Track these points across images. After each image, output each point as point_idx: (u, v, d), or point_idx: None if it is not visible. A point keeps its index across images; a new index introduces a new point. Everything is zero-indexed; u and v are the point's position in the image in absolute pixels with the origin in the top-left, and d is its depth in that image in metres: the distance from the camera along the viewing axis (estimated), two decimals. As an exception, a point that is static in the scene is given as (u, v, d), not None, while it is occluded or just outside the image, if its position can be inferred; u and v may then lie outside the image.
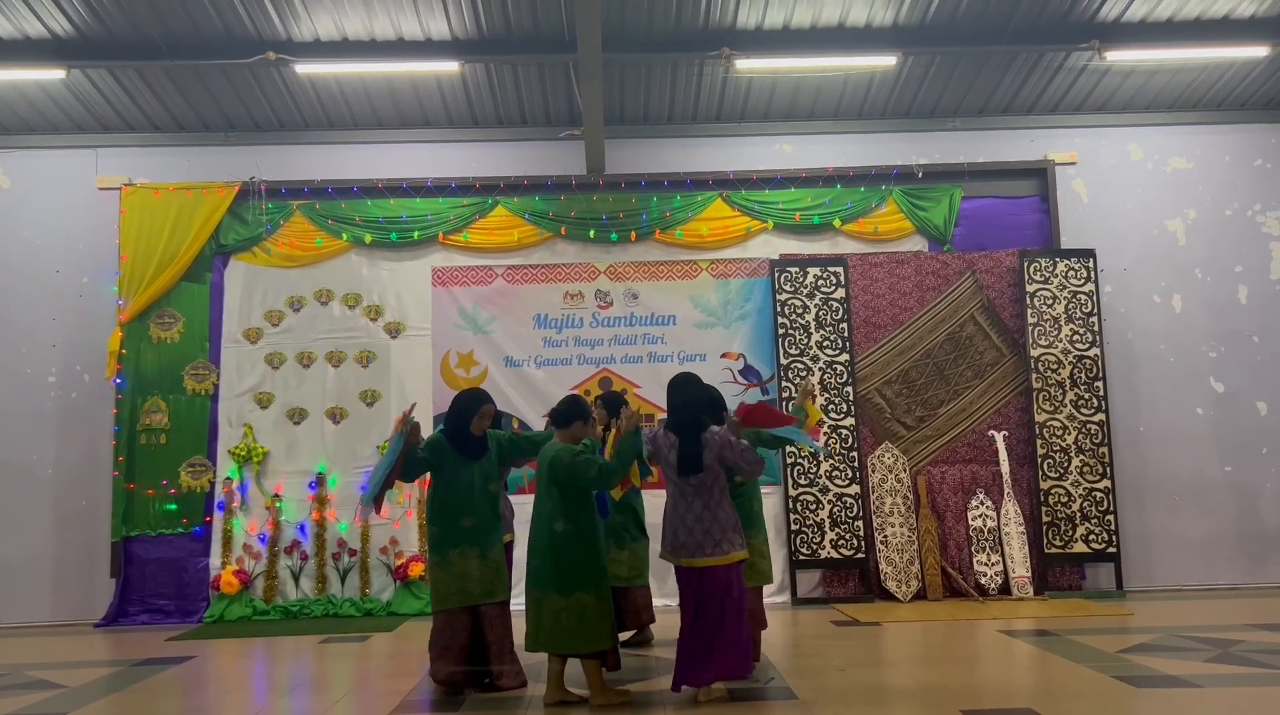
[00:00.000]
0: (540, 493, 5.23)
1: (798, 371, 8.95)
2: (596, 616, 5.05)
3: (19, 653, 7.42)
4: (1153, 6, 8.25)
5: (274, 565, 8.73)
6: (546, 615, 5.05)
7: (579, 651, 5.07)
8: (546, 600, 5.06)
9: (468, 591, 5.38)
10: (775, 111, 9.44)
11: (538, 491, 5.26)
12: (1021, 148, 9.58)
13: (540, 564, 5.14)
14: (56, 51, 8.24)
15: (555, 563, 5.08)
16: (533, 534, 5.24)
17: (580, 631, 5.02)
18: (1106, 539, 8.76)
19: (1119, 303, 9.37)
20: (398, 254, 9.26)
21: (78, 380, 9.05)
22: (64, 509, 8.90)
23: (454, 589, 5.39)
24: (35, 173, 9.28)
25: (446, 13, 8.01)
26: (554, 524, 5.10)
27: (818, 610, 8.28)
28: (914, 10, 8.25)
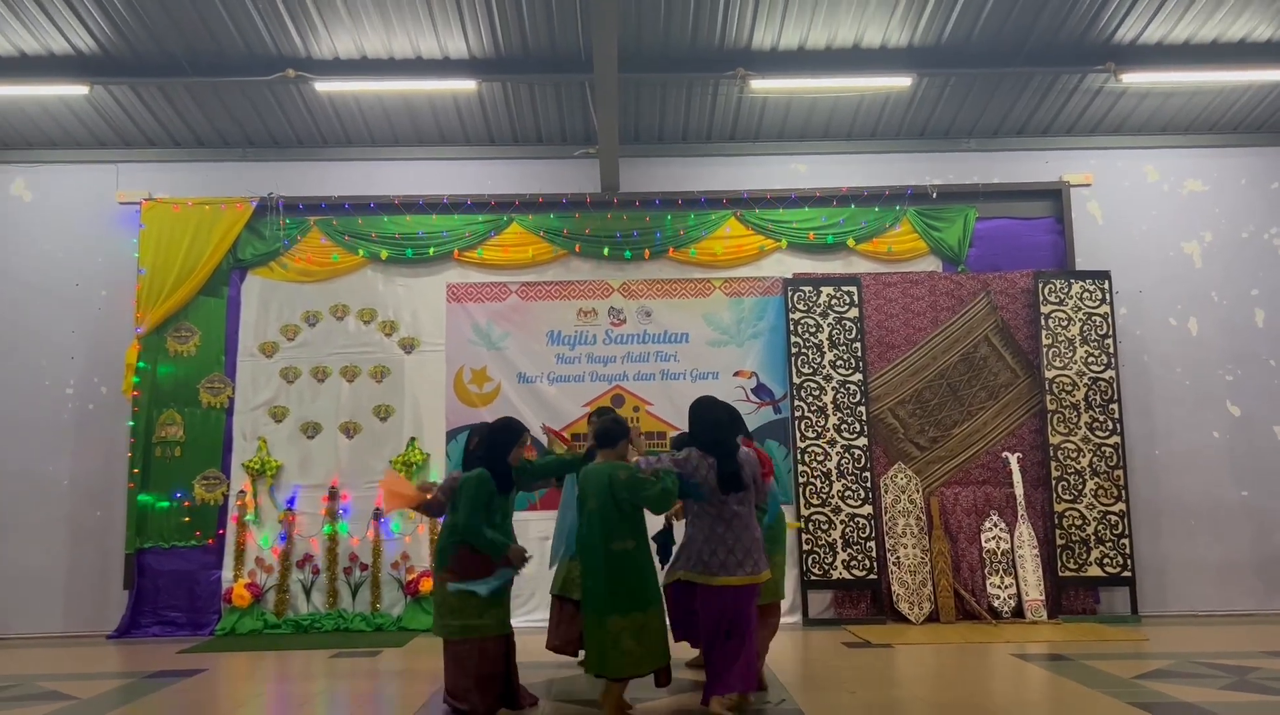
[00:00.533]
0: (590, 513, 5.15)
1: (810, 391, 8.94)
2: (656, 634, 5.05)
3: (32, 663, 7.46)
4: (1170, 29, 8.25)
5: (286, 579, 8.75)
6: (608, 637, 4.99)
7: (641, 672, 5.07)
8: (608, 621, 5.00)
9: (504, 620, 5.38)
10: (790, 131, 9.47)
11: (587, 513, 5.17)
12: (1036, 169, 9.58)
13: (596, 585, 5.08)
14: (81, 68, 8.35)
15: (614, 582, 5.03)
16: (585, 555, 5.18)
17: (641, 652, 5.01)
18: (1121, 563, 8.69)
19: (1134, 325, 9.33)
20: (413, 270, 9.32)
21: (95, 392, 9.12)
22: (78, 520, 8.95)
23: (500, 617, 5.32)
24: (58, 187, 9.39)
25: (465, 32, 8.08)
26: (610, 544, 5.05)
27: (829, 631, 8.23)
28: (929, 31, 8.28)
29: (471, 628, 5.19)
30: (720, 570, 5.10)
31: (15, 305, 9.19)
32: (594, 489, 5.16)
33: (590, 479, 5.22)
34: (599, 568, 5.07)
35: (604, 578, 5.04)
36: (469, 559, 5.21)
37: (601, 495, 5.11)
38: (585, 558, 5.19)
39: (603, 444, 5.30)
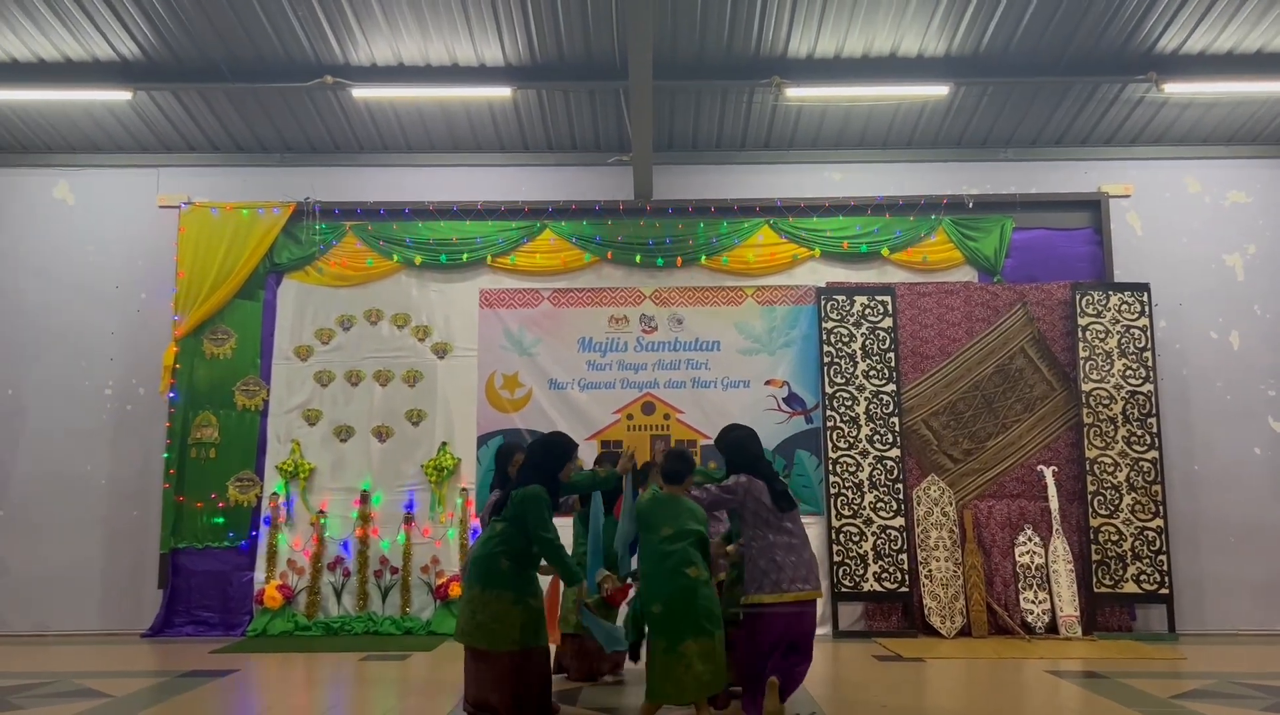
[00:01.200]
0: (663, 541, 5.17)
1: (843, 400, 8.88)
2: (721, 657, 5.11)
3: (67, 661, 7.55)
4: (1213, 38, 8.13)
5: (317, 581, 8.81)
6: (682, 662, 5.01)
7: (714, 693, 5.11)
8: (681, 646, 5.01)
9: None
10: (824, 139, 9.43)
11: (662, 540, 5.17)
12: (1075, 179, 9.47)
13: (669, 610, 5.08)
14: (123, 74, 8.48)
15: (690, 607, 5.06)
16: (656, 582, 5.16)
17: (709, 674, 5.05)
18: (1159, 580, 8.54)
19: (1174, 338, 9.19)
20: (446, 276, 9.37)
21: (133, 393, 9.25)
22: (115, 520, 9.07)
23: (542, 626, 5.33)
24: (99, 191, 9.54)
25: (501, 39, 8.12)
26: (687, 570, 5.10)
27: (859, 644, 8.16)
28: (967, 40, 8.21)
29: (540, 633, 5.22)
30: (790, 586, 5.21)
31: (57, 307, 9.34)
32: (667, 519, 5.21)
33: (662, 508, 5.27)
34: (674, 593, 5.09)
35: (680, 603, 5.07)
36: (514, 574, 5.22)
37: (678, 525, 5.18)
38: (655, 585, 5.16)
39: (671, 481, 5.36)
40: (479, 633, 5.13)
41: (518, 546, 5.23)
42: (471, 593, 5.20)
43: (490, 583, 5.15)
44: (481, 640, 5.13)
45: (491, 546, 5.24)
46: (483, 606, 5.13)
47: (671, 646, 5.03)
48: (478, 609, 5.13)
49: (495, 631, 5.09)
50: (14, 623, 8.89)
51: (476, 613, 5.13)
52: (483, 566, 5.19)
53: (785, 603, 5.18)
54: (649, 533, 5.25)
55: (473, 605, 5.17)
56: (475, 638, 5.15)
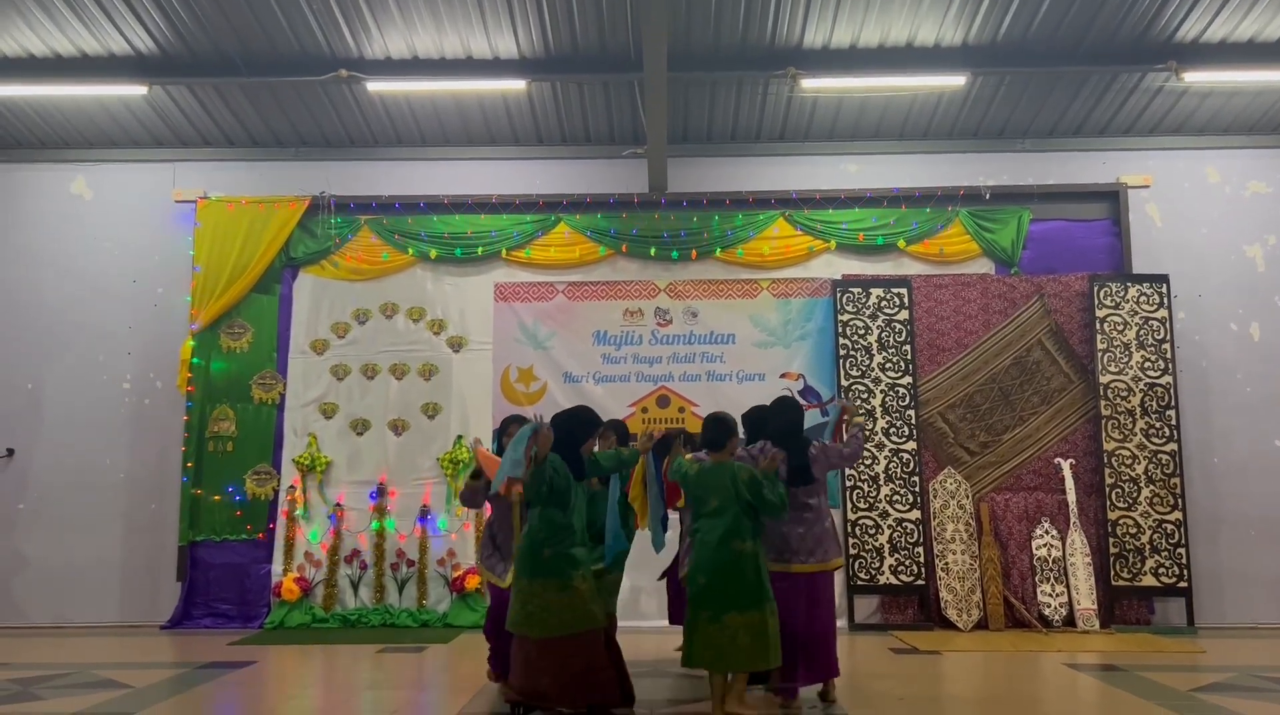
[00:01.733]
0: (711, 513, 5.24)
1: (859, 393, 8.85)
2: (773, 633, 5.15)
3: (88, 652, 7.62)
4: (1233, 27, 8.04)
5: (334, 574, 8.85)
6: (726, 634, 5.07)
7: (757, 667, 5.19)
8: (726, 618, 5.08)
9: None
10: (840, 131, 9.38)
11: (709, 511, 5.25)
12: (1093, 170, 9.40)
13: (713, 582, 5.14)
14: (140, 68, 8.51)
15: (736, 581, 5.13)
16: (703, 554, 5.22)
17: (758, 648, 5.09)
18: (1177, 573, 8.49)
19: (1193, 330, 9.12)
20: (461, 269, 9.38)
21: (150, 387, 9.30)
22: (134, 513, 9.13)
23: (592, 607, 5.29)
24: (116, 185, 9.59)
25: (515, 32, 8.11)
26: (733, 542, 5.16)
27: (876, 637, 8.14)
28: (984, 30, 8.15)
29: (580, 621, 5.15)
30: (794, 558, 5.47)
31: (75, 302, 9.39)
32: (714, 490, 5.26)
33: (709, 479, 5.30)
34: (720, 566, 5.15)
35: (725, 576, 5.13)
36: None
37: (724, 495, 5.22)
38: (702, 556, 5.22)
39: (713, 447, 5.38)
40: (529, 622, 5.13)
41: (556, 527, 5.19)
42: (519, 584, 5.22)
43: (536, 572, 5.15)
44: (531, 629, 5.12)
45: (531, 536, 5.22)
46: (530, 596, 5.13)
47: (716, 616, 5.09)
48: (526, 599, 5.15)
49: (544, 620, 5.09)
50: (34, 615, 8.97)
51: (526, 603, 5.14)
52: (526, 557, 5.20)
53: (790, 575, 5.43)
54: (698, 505, 5.33)
55: (521, 596, 5.18)
56: (524, 626, 5.14)
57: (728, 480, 5.25)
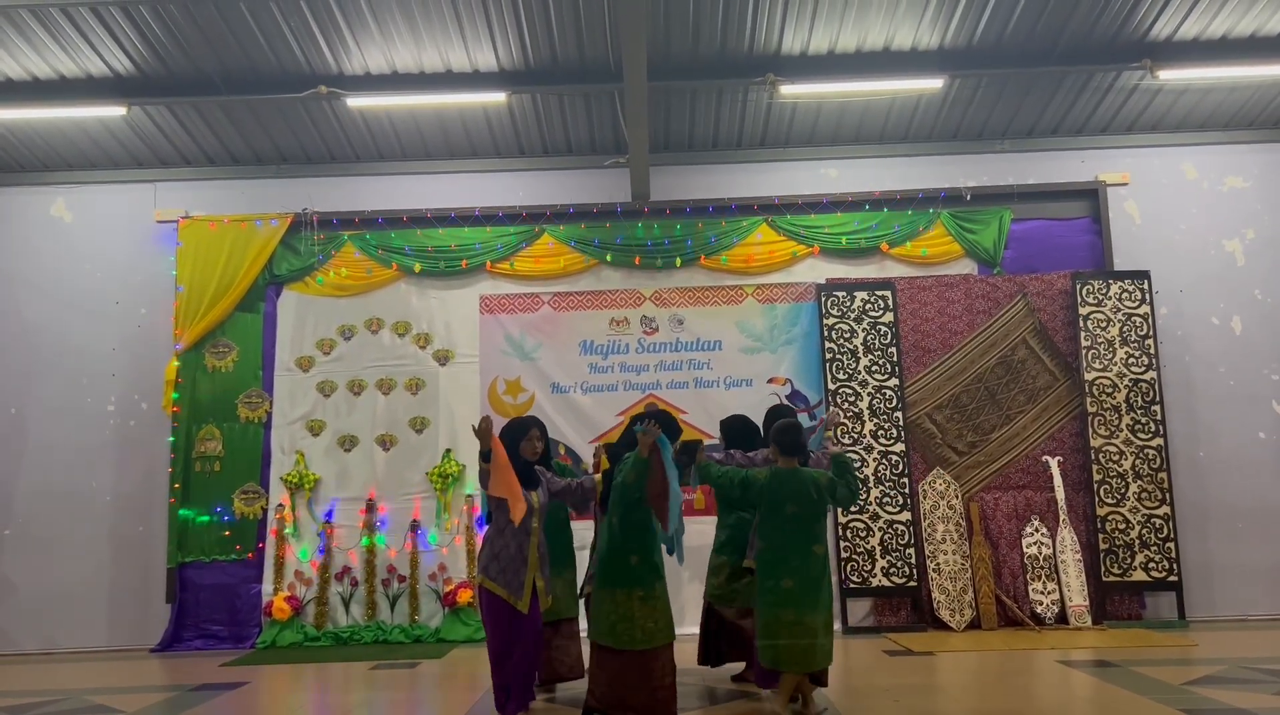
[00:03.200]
0: (791, 517, 5.38)
1: (846, 396, 8.87)
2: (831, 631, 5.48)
3: (77, 678, 7.55)
4: (1206, 25, 8.12)
5: (325, 591, 8.80)
6: (808, 634, 5.28)
7: (829, 664, 5.45)
8: (811, 620, 5.29)
9: None
10: (820, 135, 9.42)
11: (787, 516, 5.38)
12: (1072, 169, 9.47)
13: (800, 585, 5.30)
14: (118, 89, 8.48)
15: (818, 583, 5.36)
16: (789, 557, 5.34)
17: (829, 646, 5.40)
18: (1167, 567, 8.53)
19: (1176, 325, 9.18)
20: (446, 283, 9.37)
21: (135, 409, 9.24)
22: (121, 535, 9.05)
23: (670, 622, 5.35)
24: (96, 207, 9.54)
25: (494, 44, 8.12)
26: (815, 547, 5.39)
27: (869, 639, 8.15)
28: (960, 32, 8.21)
29: (664, 634, 5.24)
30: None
31: (58, 324, 9.33)
32: (791, 495, 5.39)
33: (785, 485, 5.41)
34: (805, 569, 5.33)
35: (809, 579, 5.32)
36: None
37: (804, 501, 5.38)
38: (787, 560, 5.33)
39: (790, 452, 5.49)
40: (614, 633, 5.13)
41: (642, 532, 5.23)
42: (602, 594, 5.22)
43: (620, 581, 5.16)
44: (619, 640, 5.12)
45: (614, 543, 5.21)
46: (614, 607, 5.14)
47: (800, 619, 5.26)
48: (610, 610, 5.15)
49: (631, 632, 5.11)
50: (22, 641, 8.89)
51: (610, 614, 5.14)
52: (610, 565, 5.19)
53: None
54: (773, 510, 5.40)
55: (604, 606, 5.18)
56: (611, 638, 5.14)
57: (808, 486, 5.39)
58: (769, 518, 5.43)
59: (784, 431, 5.54)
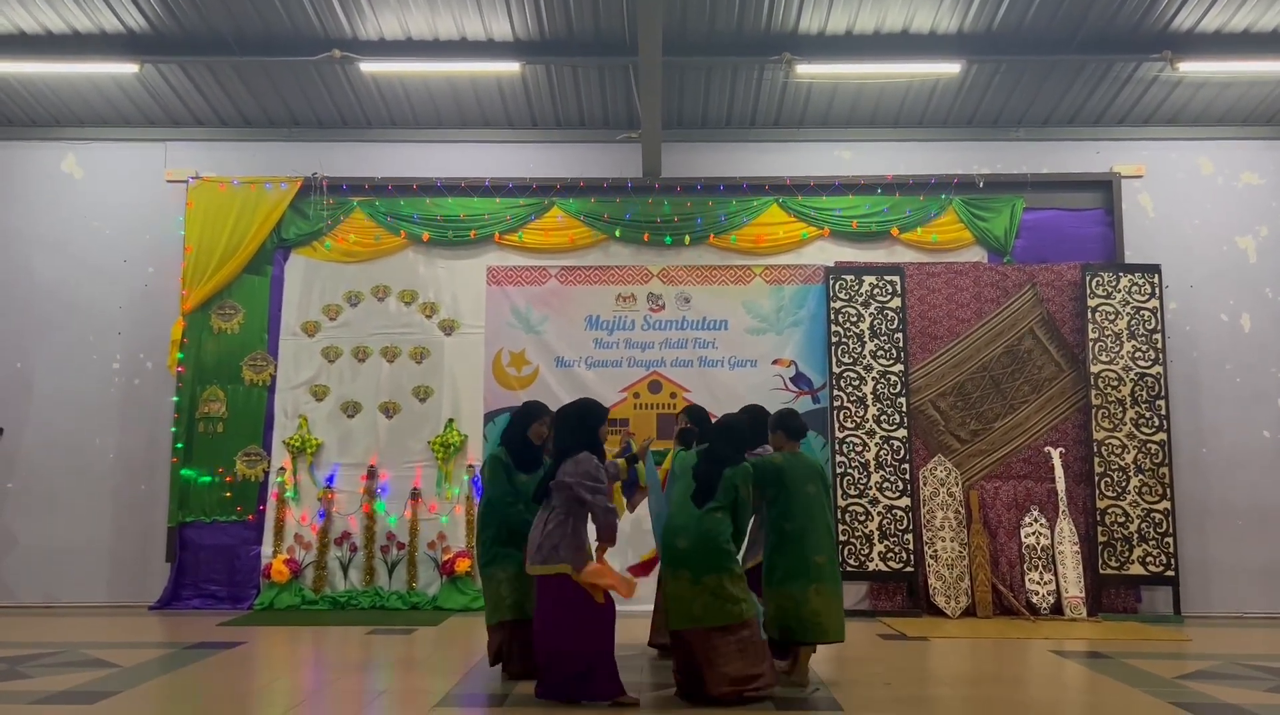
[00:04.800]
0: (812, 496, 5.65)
1: (850, 381, 8.85)
2: None
3: (76, 631, 7.61)
4: (1228, 17, 8.04)
5: (324, 556, 8.84)
6: (837, 604, 5.64)
7: None
8: (838, 591, 5.69)
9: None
10: (835, 117, 9.36)
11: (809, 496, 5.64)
12: (1087, 159, 9.40)
13: (832, 560, 5.68)
14: (131, 46, 8.45)
15: (836, 557, 5.82)
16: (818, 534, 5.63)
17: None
18: (1165, 562, 8.53)
19: (1184, 320, 9.14)
20: (454, 252, 9.35)
21: (140, 367, 9.26)
22: (123, 493, 9.10)
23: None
24: (107, 165, 9.52)
25: (509, 14, 8.07)
26: (831, 521, 5.83)
27: (864, 623, 8.16)
28: (980, 17, 8.14)
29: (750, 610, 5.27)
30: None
31: (65, 281, 9.34)
32: (808, 477, 5.71)
33: (800, 468, 5.70)
34: (832, 545, 5.75)
35: (833, 553, 5.74)
36: None
37: (820, 479, 5.76)
38: (817, 537, 5.61)
39: (796, 436, 5.84)
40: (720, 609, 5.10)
41: (730, 528, 5.27)
42: (684, 580, 5.12)
43: (715, 567, 5.11)
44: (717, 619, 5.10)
45: (713, 534, 5.14)
46: (699, 592, 5.08)
47: (835, 593, 5.63)
48: (698, 594, 5.08)
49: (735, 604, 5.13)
50: (23, 594, 8.95)
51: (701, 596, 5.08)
52: (709, 554, 5.12)
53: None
54: (796, 491, 5.61)
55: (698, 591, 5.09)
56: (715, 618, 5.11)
57: (816, 467, 5.79)
58: (794, 499, 5.61)
59: (790, 416, 5.88)
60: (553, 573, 5.05)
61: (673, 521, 5.26)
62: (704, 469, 5.31)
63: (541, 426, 5.83)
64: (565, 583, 5.03)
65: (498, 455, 5.82)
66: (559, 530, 5.08)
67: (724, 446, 5.41)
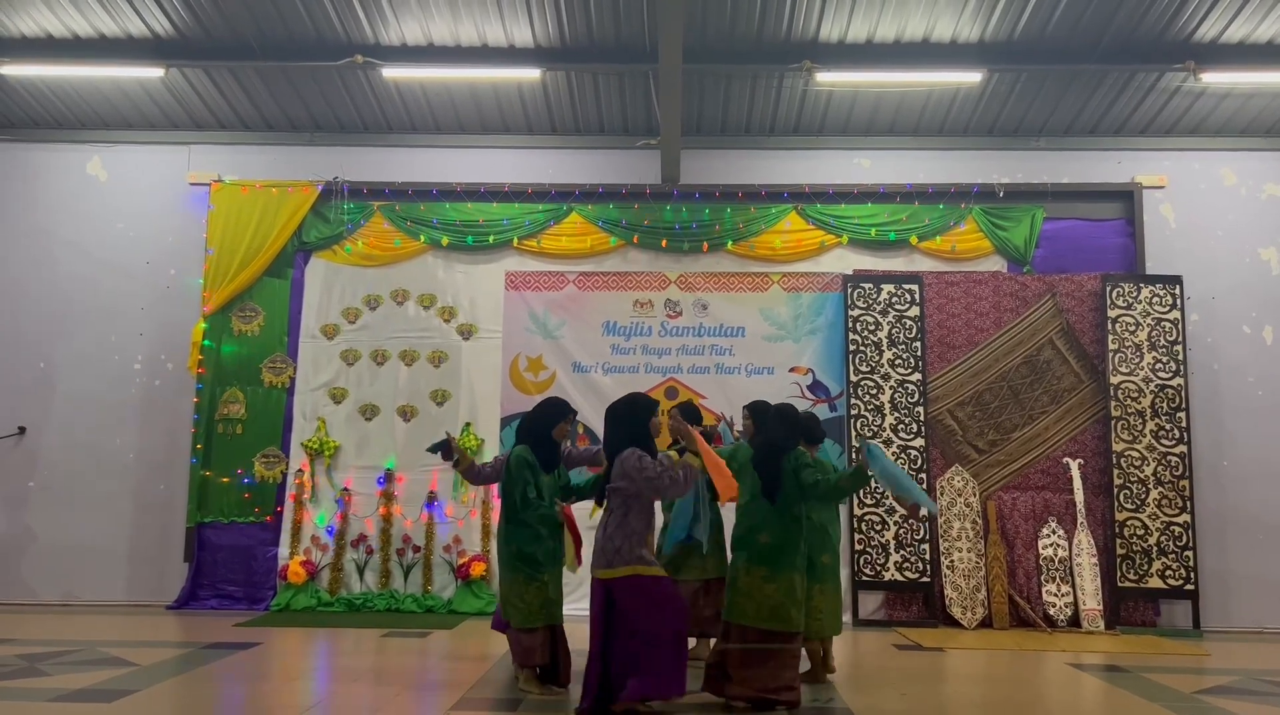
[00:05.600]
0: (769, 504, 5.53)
1: (868, 389, 8.83)
2: None
3: (95, 630, 7.67)
4: (1253, 28, 7.99)
5: (340, 558, 8.88)
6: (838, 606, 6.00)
7: None
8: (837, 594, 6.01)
9: None
10: (854, 125, 9.35)
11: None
12: (1108, 169, 9.35)
13: (834, 562, 5.98)
14: (156, 51, 8.54)
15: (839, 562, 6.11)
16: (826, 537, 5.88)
17: None
18: (1184, 575, 8.46)
19: (1206, 332, 9.07)
20: (473, 257, 9.39)
21: (161, 369, 9.34)
22: (143, 493, 9.17)
23: None
24: (131, 167, 9.62)
25: (531, 21, 8.11)
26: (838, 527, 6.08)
27: (879, 633, 8.14)
28: (1001, 26, 8.12)
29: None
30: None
31: (89, 281, 9.44)
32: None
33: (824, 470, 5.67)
34: (834, 546, 5.97)
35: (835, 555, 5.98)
36: None
37: None
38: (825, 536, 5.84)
39: (815, 441, 6.05)
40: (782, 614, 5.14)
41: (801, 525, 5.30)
42: (783, 577, 5.16)
43: (793, 567, 5.18)
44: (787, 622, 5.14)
45: (794, 528, 5.22)
46: (787, 588, 5.15)
47: (837, 592, 5.94)
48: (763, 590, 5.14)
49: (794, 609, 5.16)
50: (43, 592, 9.03)
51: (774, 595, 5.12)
52: (792, 555, 5.17)
53: None
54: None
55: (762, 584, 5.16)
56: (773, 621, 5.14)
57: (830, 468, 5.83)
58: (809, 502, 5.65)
59: (810, 421, 6.11)
60: (622, 575, 4.90)
61: (748, 518, 5.28)
62: (762, 459, 5.29)
63: (566, 425, 5.77)
64: (637, 582, 4.89)
65: (524, 456, 5.65)
66: (619, 531, 4.95)
67: (777, 433, 5.35)
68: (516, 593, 5.54)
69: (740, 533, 5.29)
